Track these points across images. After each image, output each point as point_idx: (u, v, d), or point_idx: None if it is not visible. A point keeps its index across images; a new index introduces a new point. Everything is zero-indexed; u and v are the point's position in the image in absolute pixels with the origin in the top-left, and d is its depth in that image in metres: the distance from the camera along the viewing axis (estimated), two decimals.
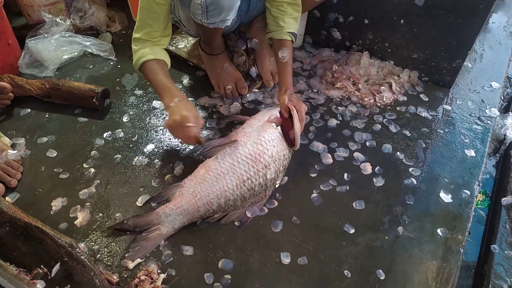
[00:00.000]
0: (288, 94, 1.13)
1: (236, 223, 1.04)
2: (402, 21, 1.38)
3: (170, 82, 1.12)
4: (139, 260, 0.95)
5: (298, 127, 1.08)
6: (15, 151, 1.15)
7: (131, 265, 0.93)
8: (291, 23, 1.24)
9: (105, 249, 0.97)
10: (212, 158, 1.05)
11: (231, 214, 1.03)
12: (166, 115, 1.33)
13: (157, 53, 1.15)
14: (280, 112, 1.14)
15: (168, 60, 1.19)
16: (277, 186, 1.09)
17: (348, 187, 1.13)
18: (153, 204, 1.04)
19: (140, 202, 1.07)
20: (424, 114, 1.36)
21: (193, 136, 1.05)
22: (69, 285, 0.83)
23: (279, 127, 1.13)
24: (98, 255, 0.96)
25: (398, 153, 1.23)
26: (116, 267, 0.94)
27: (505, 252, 1.12)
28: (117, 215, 1.04)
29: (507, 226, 1.20)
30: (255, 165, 1.03)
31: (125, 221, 1.00)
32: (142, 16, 1.13)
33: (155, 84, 1.13)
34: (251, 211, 1.04)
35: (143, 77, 1.19)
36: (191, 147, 1.21)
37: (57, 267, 0.84)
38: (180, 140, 1.22)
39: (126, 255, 0.95)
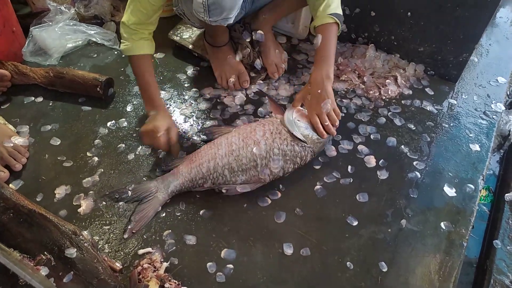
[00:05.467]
0: (300, 94, 1.16)
1: (223, 191, 1.05)
2: (409, 13, 1.37)
3: (154, 87, 1.18)
4: (149, 249, 0.96)
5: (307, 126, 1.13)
6: (23, 138, 1.16)
7: (141, 251, 0.95)
8: (330, 3, 1.14)
9: (110, 236, 0.98)
10: None
11: (221, 187, 1.06)
12: (170, 106, 1.33)
13: (144, 46, 1.17)
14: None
15: (153, 48, 1.20)
16: (276, 171, 1.06)
17: (351, 180, 1.13)
18: (157, 172, 1.11)
19: None
20: (429, 108, 1.35)
21: (162, 144, 1.10)
22: (72, 272, 0.83)
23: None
24: (102, 243, 0.96)
25: (402, 146, 1.22)
26: (118, 253, 0.94)
27: (508, 247, 1.12)
28: (120, 203, 1.05)
29: (510, 222, 1.19)
30: (244, 140, 1.07)
31: (125, 188, 1.06)
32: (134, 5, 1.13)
33: (141, 85, 1.19)
34: (241, 187, 1.06)
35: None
36: (194, 137, 1.21)
37: (71, 250, 0.85)
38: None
39: (129, 226, 0.98)
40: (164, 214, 1.03)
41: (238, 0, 1.01)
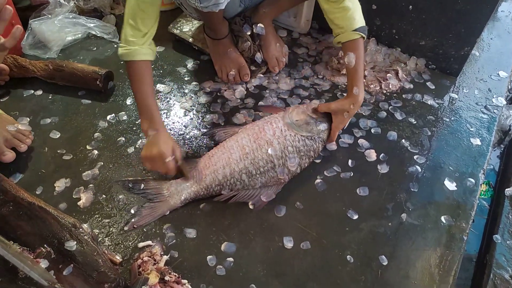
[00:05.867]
0: (338, 104, 1.13)
1: (250, 206, 1.04)
2: (410, 7, 1.36)
3: (153, 100, 1.06)
4: (149, 242, 0.95)
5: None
6: (25, 124, 1.18)
7: (141, 244, 0.94)
8: (352, 18, 1.10)
9: (110, 229, 0.98)
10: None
11: (242, 195, 1.04)
12: (170, 99, 1.32)
13: (148, 52, 1.06)
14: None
15: (154, 53, 1.09)
16: (294, 169, 1.07)
17: (352, 174, 1.12)
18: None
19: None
20: (430, 102, 1.35)
21: (172, 170, 1.02)
22: (72, 265, 0.83)
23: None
24: (102, 236, 0.96)
25: (403, 140, 1.22)
26: (118, 246, 0.94)
27: (508, 242, 1.12)
28: (120, 196, 1.04)
29: (510, 217, 1.19)
30: (256, 141, 1.05)
31: (139, 182, 1.04)
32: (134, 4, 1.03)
33: (137, 97, 1.06)
34: (266, 195, 1.04)
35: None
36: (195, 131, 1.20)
37: (71, 243, 0.85)
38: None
39: (133, 219, 0.97)
40: None
41: None
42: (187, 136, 1.20)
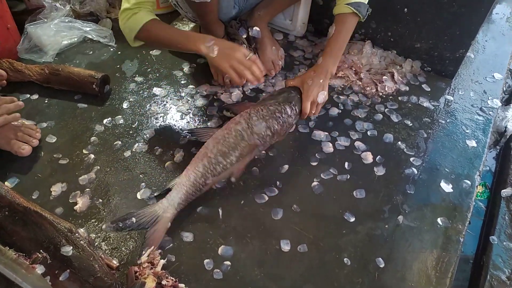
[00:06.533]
0: (307, 76, 1.14)
1: (232, 180, 1.06)
2: (405, 10, 1.37)
3: (187, 31, 1.10)
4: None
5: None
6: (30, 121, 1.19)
7: (143, 257, 0.89)
8: None
9: (106, 233, 0.97)
10: None
11: (224, 175, 1.05)
12: (166, 103, 1.32)
13: (149, 14, 1.10)
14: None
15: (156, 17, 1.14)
16: (263, 132, 1.07)
17: (348, 176, 1.12)
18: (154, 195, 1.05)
19: (140, 195, 1.06)
20: (426, 104, 1.35)
21: (260, 65, 1.07)
22: (68, 270, 0.83)
23: None
24: (99, 240, 0.96)
25: (399, 142, 1.22)
26: (114, 250, 0.94)
27: (504, 243, 1.12)
28: (117, 198, 1.04)
29: (506, 218, 1.19)
30: (226, 128, 1.07)
31: (127, 215, 0.94)
32: None
33: (171, 35, 1.09)
34: (239, 163, 1.06)
35: (145, 43, 1.15)
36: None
37: (66, 248, 0.84)
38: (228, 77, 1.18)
39: (144, 252, 0.90)
40: None
41: None
42: (184, 141, 1.20)
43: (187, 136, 1.18)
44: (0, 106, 1.07)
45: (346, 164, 1.15)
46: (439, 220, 1.04)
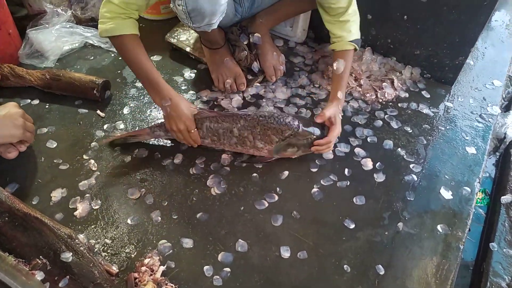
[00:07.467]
0: (331, 110, 1.15)
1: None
2: (405, 17, 1.38)
3: (155, 71, 1.07)
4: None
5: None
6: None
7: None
8: (349, 29, 1.19)
9: (105, 240, 0.97)
10: None
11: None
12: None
13: (134, 26, 1.05)
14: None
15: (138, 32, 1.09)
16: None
17: (348, 183, 1.13)
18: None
19: (140, 201, 1.06)
20: (425, 111, 1.36)
21: (198, 141, 1.13)
22: (67, 277, 0.83)
23: None
24: (98, 246, 0.96)
25: (399, 149, 1.22)
26: (114, 256, 0.94)
27: (504, 250, 1.12)
28: (117, 204, 1.04)
29: (506, 225, 1.19)
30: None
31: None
32: None
33: (138, 72, 1.08)
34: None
35: (113, 45, 1.11)
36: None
37: (66, 254, 0.84)
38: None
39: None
40: (160, 218, 1.03)
41: (219, 6, 1.00)
42: (184, 146, 1.20)
43: None
44: (27, 125, 1.08)
45: (346, 170, 1.16)
46: (439, 227, 1.04)
